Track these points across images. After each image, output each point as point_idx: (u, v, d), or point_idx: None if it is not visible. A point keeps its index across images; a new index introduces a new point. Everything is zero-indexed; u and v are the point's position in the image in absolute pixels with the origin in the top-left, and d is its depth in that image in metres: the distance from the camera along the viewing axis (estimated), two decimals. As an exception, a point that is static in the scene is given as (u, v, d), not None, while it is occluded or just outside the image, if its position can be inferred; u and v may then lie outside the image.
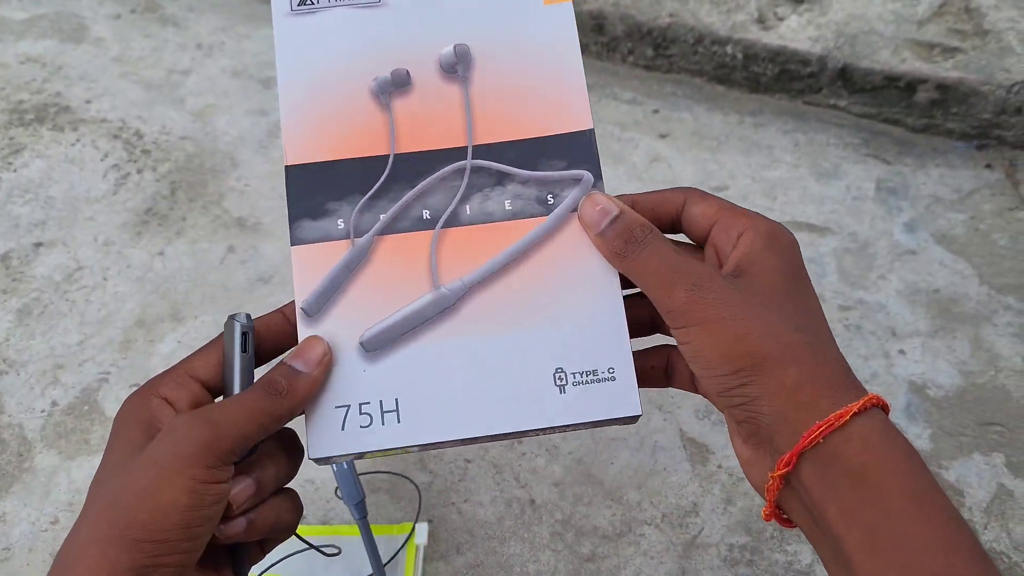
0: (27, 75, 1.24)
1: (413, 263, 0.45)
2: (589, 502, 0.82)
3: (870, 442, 0.37)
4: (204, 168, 1.12)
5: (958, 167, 1.12)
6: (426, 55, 0.48)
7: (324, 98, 0.48)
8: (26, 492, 0.83)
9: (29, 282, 1.00)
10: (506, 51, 0.49)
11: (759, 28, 1.18)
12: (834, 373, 0.40)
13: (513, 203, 0.46)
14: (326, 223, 0.46)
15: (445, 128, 0.48)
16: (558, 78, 0.48)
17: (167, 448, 0.39)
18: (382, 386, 0.44)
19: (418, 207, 0.46)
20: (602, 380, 0.44)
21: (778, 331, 0.39)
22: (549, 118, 0.47)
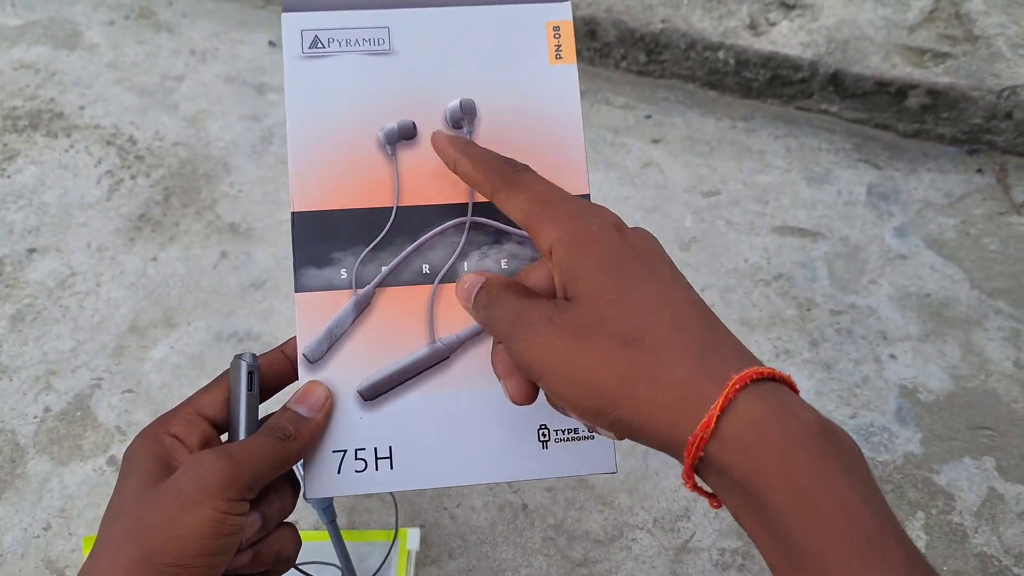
0: (21, 81, 1.24)
1: (411, 316, 0.47)
2: (581, 507, 0.82)
3: (742, 443, 0.34)
4: (197, 174, 1.13)
5: (949, 172, 1.12)
6: (433, 106, 0.49)
7: (331, 145, 0.49)
8: (18, 498, 0.83)
9: (22, 288, 1.00)
10: (510, 108, 0.49)
11: (751, 34, 1.19)
12: (686, 367, 0.35)
13: (509, 262, 0.47)
14: (330, 272, 0.47)
15: (448, 183, 0.48)
16: (559, 140, 0.49)
17: (192, 480, 0.40)
18: (378, 434, 0.46)
19: (418, 261, 0.47)
20: (582, 438, 0.45)
21: (610, 355, 0.36)
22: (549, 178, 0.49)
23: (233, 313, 0.97)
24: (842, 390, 0.91)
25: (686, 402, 0.35)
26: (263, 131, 1.18)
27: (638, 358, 0.36)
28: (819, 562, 0.32)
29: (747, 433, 0.34)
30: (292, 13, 0.51)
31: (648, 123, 1.20)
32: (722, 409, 0.34)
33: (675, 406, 0.35)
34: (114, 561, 0.39)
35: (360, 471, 0.45)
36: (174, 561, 0.38)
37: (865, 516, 0.32)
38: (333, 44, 0.51)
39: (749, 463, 0.33)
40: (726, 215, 1.07)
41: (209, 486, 0.40)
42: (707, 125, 1.19)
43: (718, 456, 0.34)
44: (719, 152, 1.15)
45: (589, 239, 0.39)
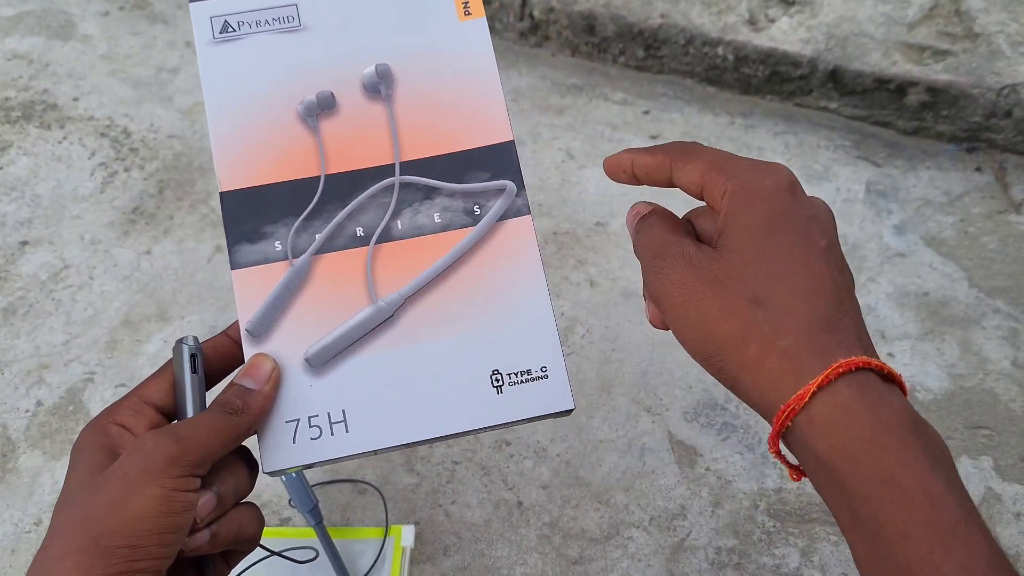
0: (14, 72, 1.23)
1: (350, 279, 0.47)
2: (577, 504, 0.82)
3: (833, 423, 0.34)
4: (192, 167, 1.12)
5: (948, 170, 1.12)
6: (349, 76, 0.50)
7: (253, 124, 0.50)
8: (9, 493, 0.82)
9: (14, 281, 0.99)
10: (426, 68, 0.50)
11: (750, 30, 1.18)
12: (796, 343, 0.36)
13: (442, 215, 0.48)
14: (264, 246, 0.47)
15: (372, 147, 0.49)
16: (477, 93, 0.50)
17: (136, 461, 0.40)
18: (329, 399, 0.46)
19: (351, 225, 0.48)
20: (536, 379, 0.46)
21: (735, 306, 0.37)
22: (471, 132, 0.49)
23: (227, 307, 0.97)
24: (840, 389, 0.90)
25: (787, 372, 0.35)
26: (258, 124, 1.17)
27: (759, 319, 0.37)
28: (902, 543, 0.33)
29: (838, 415, 0.34)
30: (199, 2, 0.51)
31: (646, 119, 1.19)
32: (819, 387, 0.34)
33: (775, 373, 0.36)
34: (64, 548, 0.38)
35: (315, 438, 0.45)
36: (125, 542, 0.38)
37: (949, 505, 0.32)
38: (243, 27, 0.51)
39: (836, 444, 0.34)
40: (724, 212, 1.07)
41: (153, 465, 0.39)
42: (705, 121, 1.18)
43: (805, 431, 0.35)
44: (718, 148, 1.15)
45: (757, 195, 0.39)
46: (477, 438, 0.86)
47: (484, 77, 0.50)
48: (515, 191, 0.48)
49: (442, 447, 0.85)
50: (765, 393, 0.36)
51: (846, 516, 0.35)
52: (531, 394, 0.46)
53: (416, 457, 0.85)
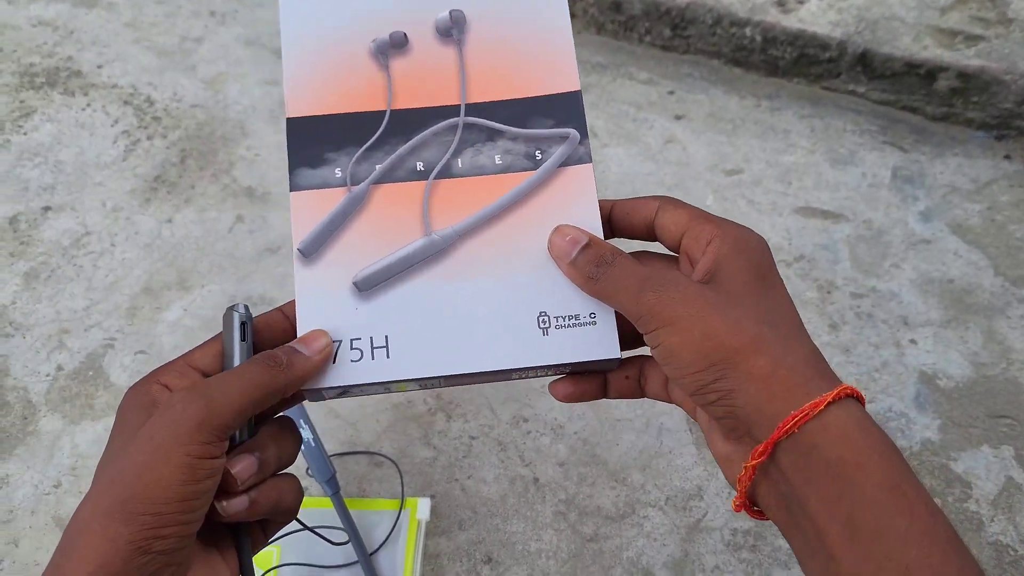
0: (39, 38, 1.23)
1: (406, 211, 0.48)
2: (593, 482, 0.82)
3: (847, 432, 0.37)
4: (214, 136, 1.12)
5: (976, 157, 1.10)
6: (424, 19, 0.51)
7: (326, 56, 0.51)
8: (30, 455, 0.83)
9: (36, 246, 1.00)
10: (500, 16, 0.51)
11: (779, 11, 1.17)
12: (805, 362, 0.40)
13: (503, 158, 0.49)
14: (324, 171, 0.48)
15: (440, 87, 0.50)
16: (548, 42, 0.50)
17: (163, 426, 0.40)
18: (373, 324, 0.46)
19: (412, 159, 0.49)
20: (583, 324, 0.46)
21: (744, 325, 0.40)
22: (539, 80, 0.50)
23: (248, 277, 0.97)
24: (860, 374, 0.89)
25: (797, 385, 0.38)
26: (282, 95, 1.17)
27: (769, 337, 0.40)
28: (901, 547, 0.35)
29: (851, 425, 0.37)
30: None
31: (671, 99, 1.18)
32: (833, 399, 0.37)
33: (786, 384, 0.38)
34: (94, 510, 0.39)
35: (356, 360, 0.46)
36: (148, 509, 0.38)
37: (942, 519, 0.36)
38: None
39: (847, 451, 0.37)
40: (748, 194, 1.06)
41: (180, 431, 0.40)
42: (731, 103, 1.17)
43: (817, 436, 0.37)
44: (742, 130, 1.14)
45: (747, 246, 0.44)
46: (494, 412, 0.86)
47: (556, 27, 0.50)
48: (578, 139, 0.49)
49: (459, 421, 0.85)
50: (774, 400, 0.38)
51: (837, 526, 0.37)
52: (577, 338, 0.46)
53: (433, 431, 0.85)
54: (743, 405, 0.39)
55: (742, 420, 0.40)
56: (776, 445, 0.38)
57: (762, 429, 0.39)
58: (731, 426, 0.41)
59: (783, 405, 0.38)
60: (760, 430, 0.39)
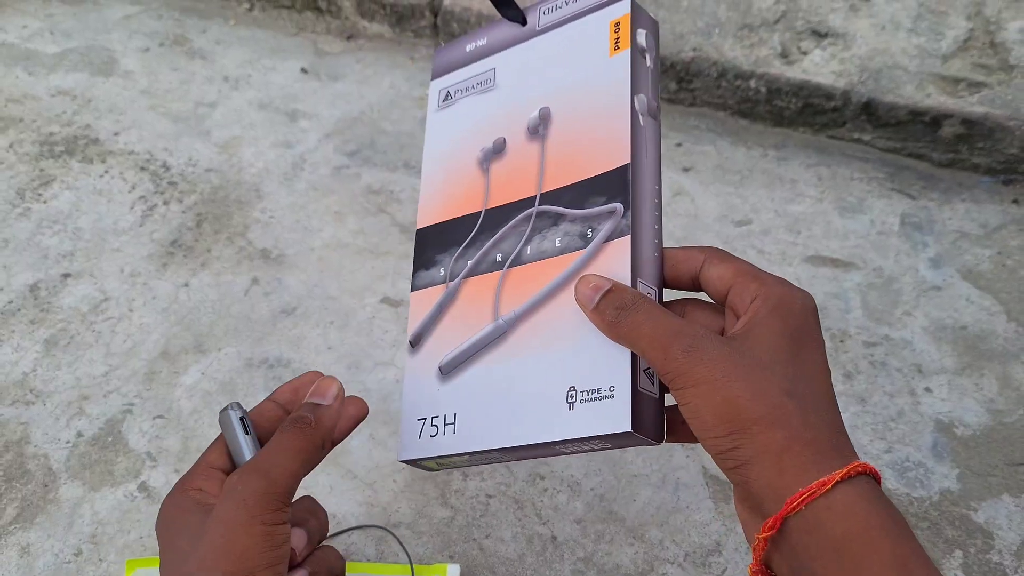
0: (58, 108, 1.26)
1: (485, 299, 0.53)
2: (611, 540, 0.82)
3: (853, 511, 0.37)
4: (229, 200, 1.14)
5: (984, 202, 1.11)
6: (521, 121, 0.56)
7: (447, 172, 0.58)
8: (50, 523, 0.83)
9: (56, 312, 1.01)
10: (574, 104, 0.54)
11: (782, 62, 1.18)
12: (821, 438, 0.40)
13: (562, 240, 0.52)
14: (433, 272, 0.56)
15: (524, 181, 0.55)
16: (608, 121, 0.52)
17: (233, 506, 0.43)
18: (448, 402, 0.52)
19: (494, 252, 0.54)
20: (603, 397, 0.47)
21: (768, 394, 0.40)
22: (596, 159, 0.52)
23: (263, 339, 0.98)
24: (876, 424, 0.89)
25: (810, 462, 0.38)
26: (295, 158, 1.19)
27: (790, 409, 0.40)
28: None
29: (859, 503, 0.37)
30: (437, 79, 0.61)
31: (679, 151, 1.19)
32: (842, 478, 0.37)
33: (799, 460, 0.39)
34: None
35: (432, 436, 0.52)
36: None
37: None
38: (457, 94, 0.60)
39: (854, 528, 0.37)
40: (758, 244, 1.06)
41: (251, 506, 0.42)
42: (738, 154, 1.19)
43: (823, 514, 0.37)
44: (750, 181, 1.15)
45: (790, 309, 0.44)
46: (510, 470, 0.86)
47: (617, 105, 0.52)
48: (621, 212, 0.50)
49: (476, 479, 0.85)
50: (784, 476, 0.38)
51: None
52: (596, 412, 0.47)
53: (450, 490, 0.85)
54: (756, 478, 0.39)
55: (754, 492, 0.40)
56: (784, 521, 0.38)
57: (772, 504, 0.39)
58: (744, 494, 0.41)
59: (793, 481, 0.38)
60: (769, 504, 0.39)
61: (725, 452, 0.40)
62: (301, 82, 1.31)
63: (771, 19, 1.21)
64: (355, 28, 1.40)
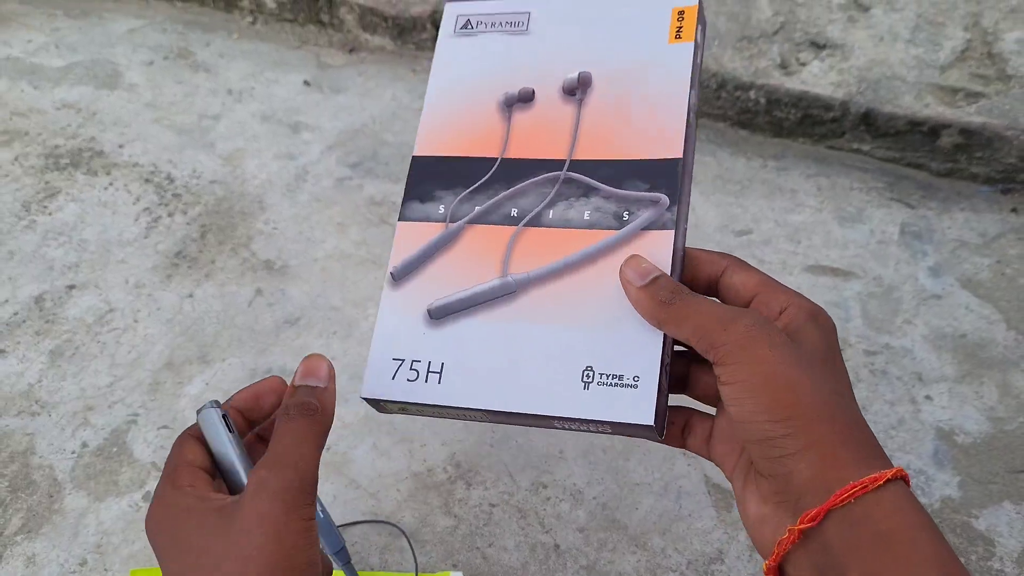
0: (63, 121, 1.27)
1: (491, 252, 0.51)
2: (614, 548, 0.82)
3: (900, 508, 0.38)
4: (233, 211, 1.14)
5: (983, 211, 1.11)
6: (555, 77, 0.54)
7: (458, 105, 0.55)
8: (55, 533, 0.84)
9: (61, 324, 1.02)
10: (623, 82, 0.53)
11: (781, 73, 1.19)
12: (868, 439, 0.41)
13: (592, 215, 0.50)
14: (430, 207, 0.53)
15: (551, 142, 0.53)
16: (662, 108, 0.51)
17: (269, 502, 0.42)
18: (434, 349, 0.49)
19: (509, 205, 0.52)
20: (625, 385, 0.46)
21: (823, 388, 0.40)
22: (644, 143, 0.51)
23: (267, 350, 0.98)
24: (877, 432, 0.90)
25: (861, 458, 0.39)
26: (298, 169, 1.20)
27: (843, 406, 0.41)
28: None
29: (905, 501, 0.39)
30: (453, 2, 0.58)
31: (679, 162, 1.20)
32: (892, 477, 0.38)
33: (852, 454, 0.39)
34: None
35: (411, 380, 0.49)
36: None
37: None
38: (480, 26, 0.57)
39: (900, 524, 0.38)
40: (758, 254, 1.07)
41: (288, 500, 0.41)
42: (738, 164, 1.19)
43: (873, 508, 0.38)
44: (750, 191, 1.15)
45: (823, 320, 0.44)
46: (513, 480, 0.86)
47: (674, 97, 0.51)
48: (667, 204, 0.49)
49: (479, 488, 0.86)
50: (836, 468, 0.39)
51: None
52: (615, 398, 0.46)
53: (453, 499, 0.85)
54: (803, 468, 0.39)
55: (795, 483, 0.40)
56: (827, 513, 0.38)
57: (815, 495, 0.39)
58: (779, 487, 0.41)
59: (842, 474, 0.39)
60: (812, 496, 0.39)
61: (773, 439, 0.40)
62: (304, 94, 1.32)
63: (770, 31, 1.22)
64: (357, 41, 1.41)
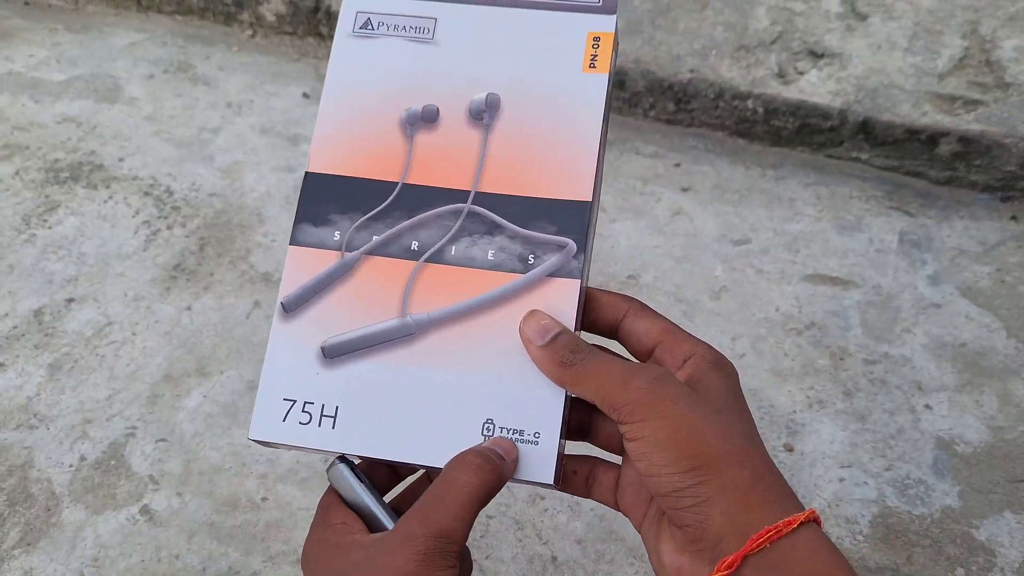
0: (63, 134, 1.27)
1: (391, 288, 0.48)
2: (612, 560, 0.82)
3: (816, 551, 0.38)
4: (231, 224, 1.15)
5: (982, 219, 1.11)
6: (461, 97, 0.51)
7: (357, 118, 0.51)
8: (53, 547, 0.84)
9: (60, 337, 1.02)
10: (534, 108, 0.50)
11: (779, 83, 1.19)
12: (778, 481, 0.40)
13: (496, 255, 0.48)
14: (324, 232, 0.49)
15: (456, 169, 0.49)
16: (572, 146, 0.49)
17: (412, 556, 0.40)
18: (328, 392, 0.47)
19: (410, 237, 0.49)
20: (526, 441, 0.45)
21: (730, 434, 0.40)
22: (553, 181, 0.49)
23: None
24: (877, 441, 0.89)
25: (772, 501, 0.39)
26: (296, 181, 1.20)
27: (751, 451, 0.40)
28: None
29: (820, 544, 0.38)
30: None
31: (677, 171, 1.20)
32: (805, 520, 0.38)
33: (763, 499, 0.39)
34: None
35: (304, 423, 0.46)
36: None
37: None
38: (381, 28, 0.52)
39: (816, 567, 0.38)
40: (756, 264, 1.07)
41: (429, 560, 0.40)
42: (736, 173, 1.19)
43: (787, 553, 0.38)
44: (749, 200, 1.15)
45: (724, 369, 0.44)
46: (511, 492, 0.86)
47: (585, 132, 0.49)
48: (573, 251, 0.47)
49: (476, 501, 0.85)
50: (749, 513, 0.39)
51: None
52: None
53: (451, 511, 0.85)
54: (718, 515, 0.39)
55: (711, 531, 0.39)
56: (745, 559, 0.38)
57: (732, 542, 0.39)
58: (694, 536, 0.40)
59: (758, 519, 0.38)
60: (728, 543, 0.39)
61: (683, 489, 0.39)
62: (303, 107, 1.33)
63: (767, 40, 1.22)
64: (356, 53, 1.41)
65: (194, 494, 0.87)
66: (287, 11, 1.42)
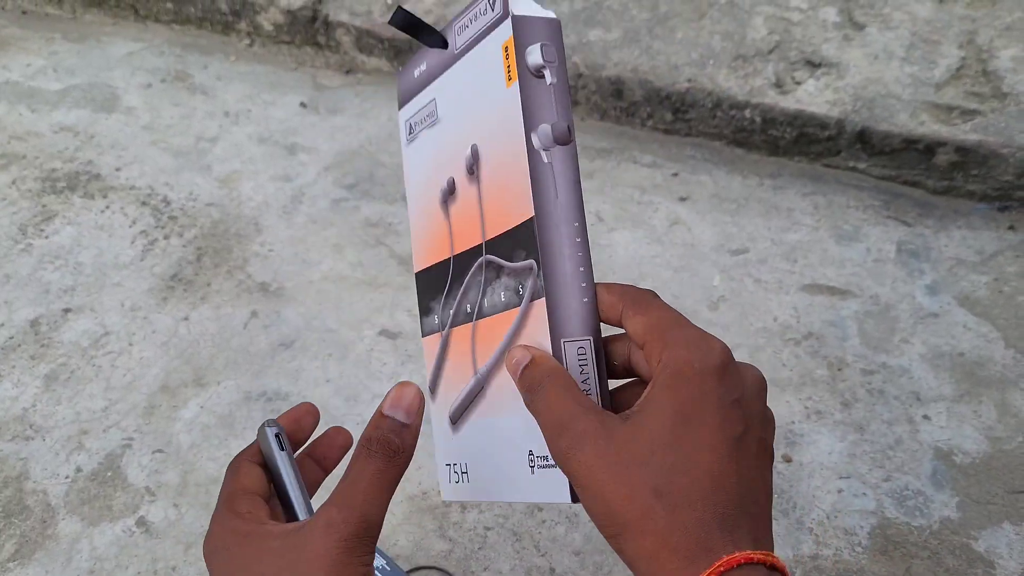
0: (60, 144, 1.27)
1: (466, 351, 0.53)
2: (610, 571, 0.81)
3: None
4: (229, 233, 1.14)
5: (980, 229, 1.11)
6: (460, 159, 0.53)
7: (422, 212, 0.57)
8: (48, 559, 0.83)
9: (57, 347, 1.02)
10: (491, 140, 0.51)
11: (777, 92, 1.19)
12: (688, 541, 0.38)
13: (505, 295, 0.50)
14: (430, 319, 0.55)
15: (473, 227, 0.52)
16: (509, 166, 0.49)
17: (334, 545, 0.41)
18: (459, 451, 0.53)
19: (464, 302, 0.53)
20: (553, 465, 0.46)
21: (639, 496, 0.39)
22: (512, 208, 0.49)
23: (262, 373, 0.98)
24: (875, 452, 0.89)
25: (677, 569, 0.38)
26: (294, 191, 1.20)
27: (657, 512, 0.39)
28: None
29: None
30: (402, 108, 0.58)
31: (675, 181, 1.20)
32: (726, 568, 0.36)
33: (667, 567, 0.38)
34: None
35: (457, 483, 0.53)
36: None
37: None
38: (416, 127, 0.57)
39: None
40: (754, 273, 1.07)
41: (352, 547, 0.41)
42: (734, 183, 1.19)
43: None
44: (746, 210, 1.15)
45: (683, 376, 0.41)
46: (510, 503, 0.86)
47: (515, 150, 0.48)
48: (536, 271, 0.47)
49: (474, 511, 0.85)
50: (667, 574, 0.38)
51: None
52: (550, 480, 0.46)
53: (448, 523, 0.85)
54: (640, 568, 0.39)
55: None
56: None
57: None
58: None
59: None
60: None
61: (617, 549, 0.40)
62: (300, 116, 1.33)
63: (765, 49, 1.23)
64: (354, 62, 1.41)
65: (191, 505, 0.87)
66: (285, 21, 1.42)
